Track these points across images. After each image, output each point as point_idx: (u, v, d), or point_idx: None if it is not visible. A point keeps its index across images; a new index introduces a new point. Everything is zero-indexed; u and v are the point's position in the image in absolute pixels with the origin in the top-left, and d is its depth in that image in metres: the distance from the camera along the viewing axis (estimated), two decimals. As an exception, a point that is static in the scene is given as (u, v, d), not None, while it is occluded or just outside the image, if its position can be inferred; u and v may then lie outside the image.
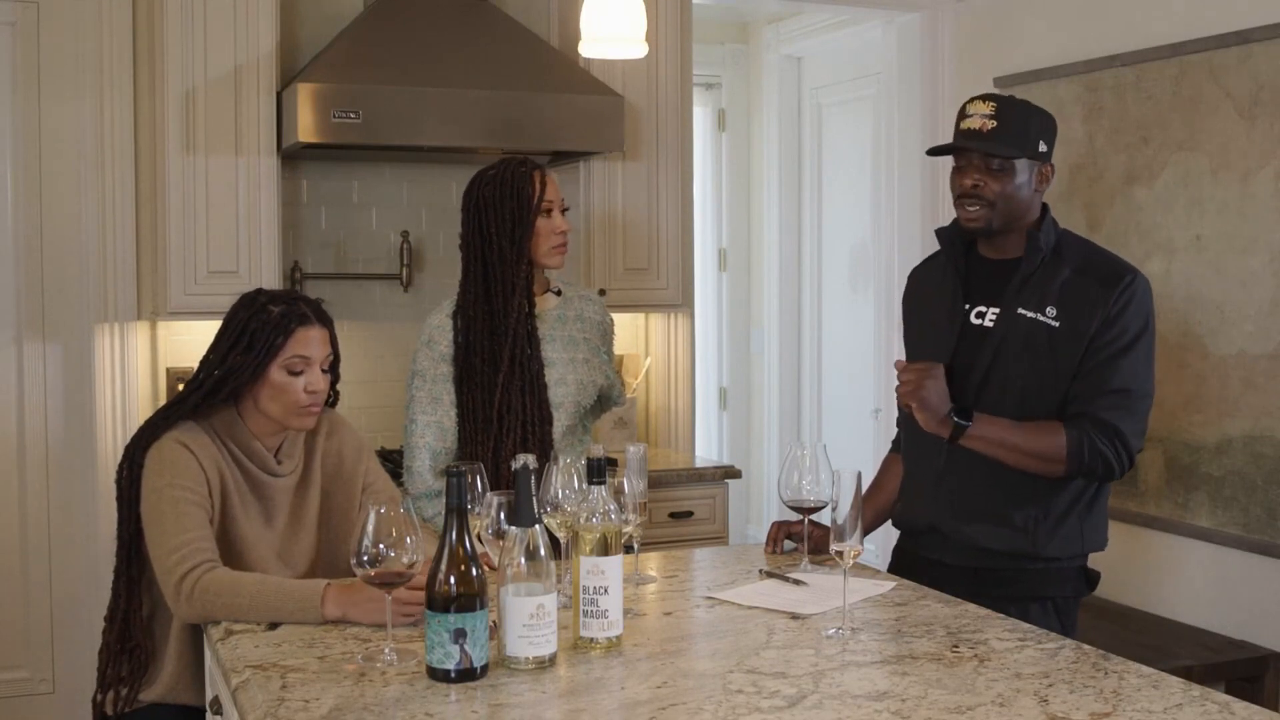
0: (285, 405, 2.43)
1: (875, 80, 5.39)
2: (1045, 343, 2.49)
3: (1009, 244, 2.58)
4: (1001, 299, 2.55)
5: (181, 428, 2.42)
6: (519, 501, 1.95)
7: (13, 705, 3.85)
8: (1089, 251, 2.59)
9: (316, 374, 2.45)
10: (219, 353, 2.46)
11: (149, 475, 2.38)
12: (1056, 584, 2.55)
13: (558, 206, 2.95)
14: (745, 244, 6.35)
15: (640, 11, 3.23)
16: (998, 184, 2.51)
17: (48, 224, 3.85)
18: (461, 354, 2.91)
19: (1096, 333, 2.46)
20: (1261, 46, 3.53)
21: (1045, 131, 2.55)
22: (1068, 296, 2.50)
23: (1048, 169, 2.56)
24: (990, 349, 2.53)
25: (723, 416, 6.41)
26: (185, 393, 2.47)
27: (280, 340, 2.41)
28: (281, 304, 2.46)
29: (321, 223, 4.13)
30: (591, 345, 3.07)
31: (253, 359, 2.41)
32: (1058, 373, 2.48)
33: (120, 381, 3.89)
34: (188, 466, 2.37)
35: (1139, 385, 2.50)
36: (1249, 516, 3.58)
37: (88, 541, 3.89)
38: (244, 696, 1.86)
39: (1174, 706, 1.79)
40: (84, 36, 3.82)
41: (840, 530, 2.10)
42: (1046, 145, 2.55)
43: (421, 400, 2.93)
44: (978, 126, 2.51)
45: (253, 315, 2.44)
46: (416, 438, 2.93)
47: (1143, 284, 2.51)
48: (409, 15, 3.86)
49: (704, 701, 1.80)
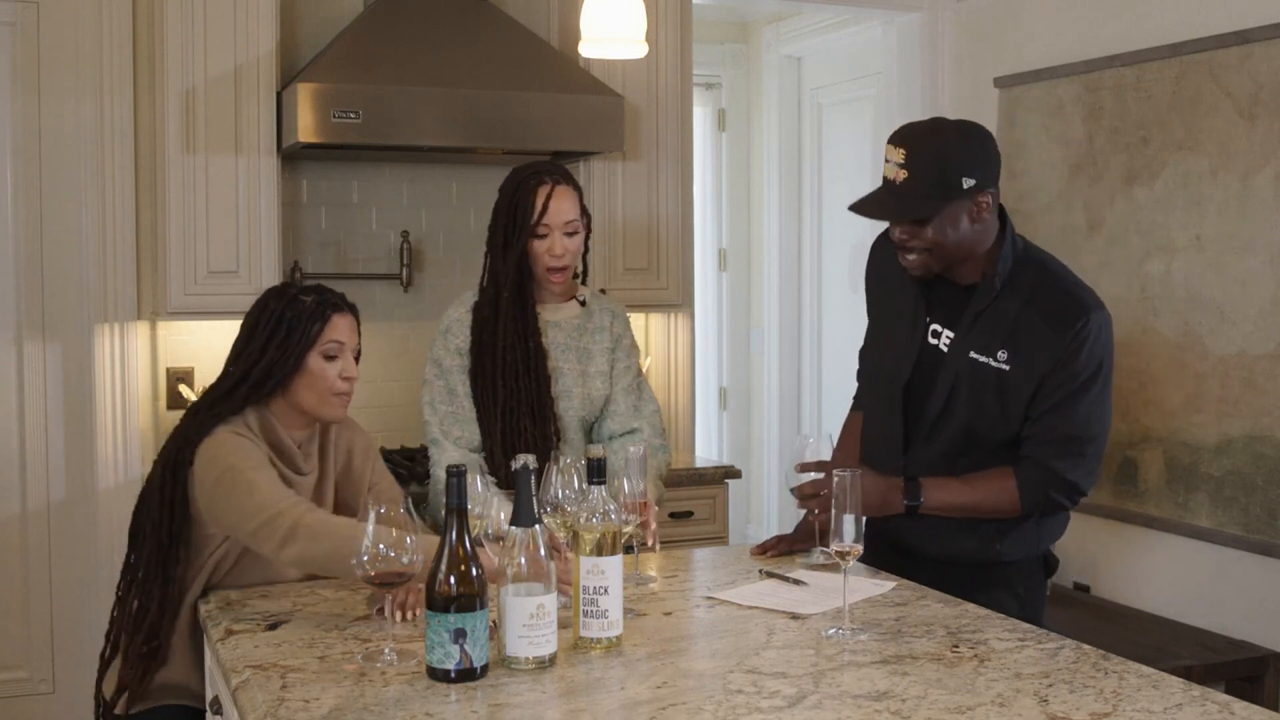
0: (320, 393, 2.44)
1: (875, 80, 5.39)
2: (994, 387, 2.43)
3: (964, 271, 2.48)
4: (957, 327, 2.48)
5: (231, 424, 2.41)
6: (519, 501, 1.95)
7: (13, 705, 3.84)
8: (1045, 281, 2.46)
9: (350, 360, 2.48)
10: (256, 346, 2.44)
11: (211, 463, 2.34)
12: (1020, 578, 2.55)
13: (559, 230, 2.80)
14: (745, 244, 6.34)
15: (640, 11, 3.23)
16: (924, 233, 2.39)
17: (48, 224, 3.84)
18: (475, 351, 2.86)
19: (1046, 375, 2.40)
20: (1261, 46, 3.53)
21: (969, 164, 2.37)
22: (1019, 336, 2.41)
23: (984, 198, 2.39)
24: (945, 383, 2.48)
25: (723, 416, 6.41)
26: (227, 388, 2.45)
27: (318, 326, 2.43)
28: (312, 293, 2.48)
29: (321, 223, 4.13)
30: (608, 358, 2.99)
31: (294, 347, 2.42)
32: (1006, 416, 2.44)
33: (120, 381, 3.89)
34: (253, 450, 2.37)
35: (1090, 430, 2.44)
36: (1249, 516, 3.58)
37: (88, 542, 3.88)
38: (244, 696, 1.86)
39: (1174, 706, 1.79)
40: (84, 36, 3.82)
41: (840, 531, 2.10)
42: (974, 178, 2.37)
43: (438, 391, 2.87)
44: (891, 176, 2.39)
45: (286, 305, 2.45)
46: (436, 430, 2.85)
47: (1097, 324, 2.41)
48: (409, 15, 3.86)
49: (704, 701, 1.80)
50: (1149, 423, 3.86)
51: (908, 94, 4.85)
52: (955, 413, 2.47)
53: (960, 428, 2.48)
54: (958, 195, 2.36)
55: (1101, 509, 3.96)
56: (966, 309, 2.47)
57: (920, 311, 2.54)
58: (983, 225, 2.43)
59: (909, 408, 2.53)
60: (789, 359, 6.10)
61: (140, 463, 3.92)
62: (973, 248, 2.44)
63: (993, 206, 2.43)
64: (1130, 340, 3.88)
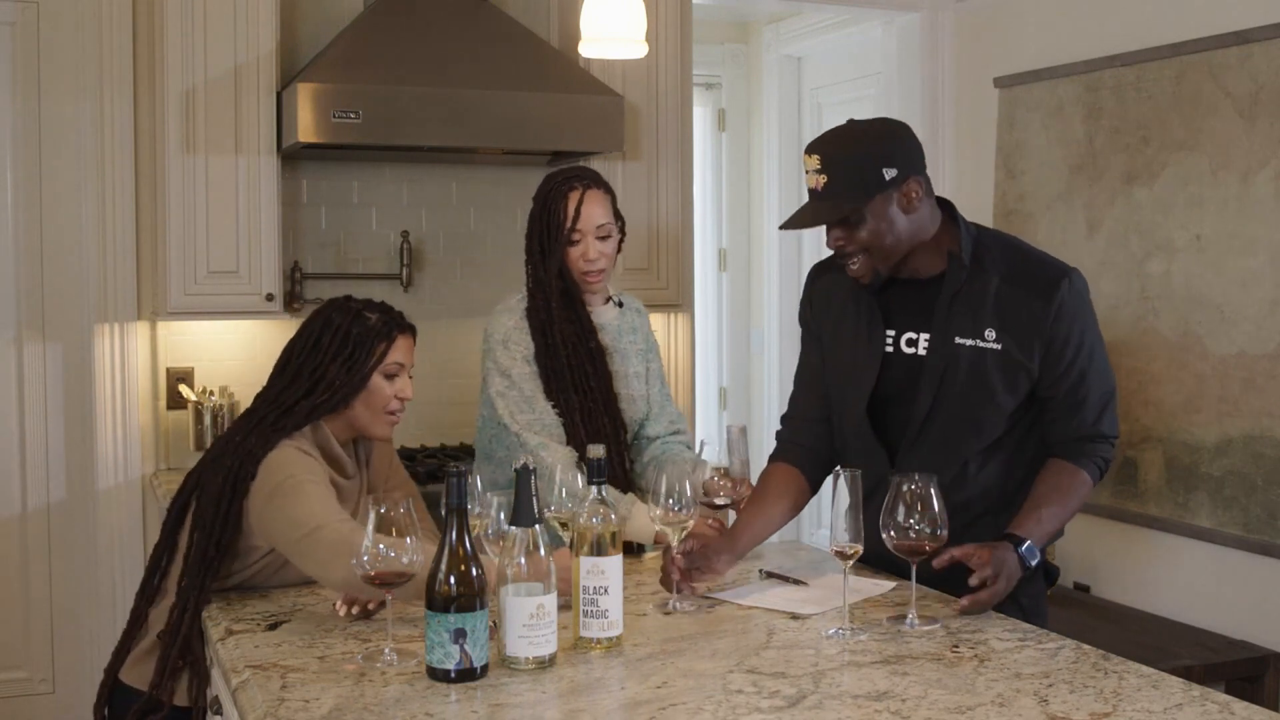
0: (375, 411, 2.43)
1: (875, 80, 5.39)
2: (989, 368, 2.38)
3: (921, 263, 2.42)
4: (931, 324, 2.42)
5: (295, 439, 2.38)
6: (519, 501, 1.95)
7: (13, 705, 3.85)
8: (1013, 255, 2.44)
9: (406, 380, 2.47)
10: (322, 360, 2.42)
11: (272, 474, 2.31)
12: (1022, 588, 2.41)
13: (591, 235, 2.81)
14: (745, 244, 6.34)
15: (640, 11, 3.23)
16: (858, 234, 2.34)
17: (48, 224, 3.85)
18: (543, 356, 2.81)
19: (1047, 354, 2.37)
20: (1261, 46, 3.53)
21: (884, 157, 2.33)
22: (1005, 312, 2.37)
23: (911, 186, 2.34)
24: (932, 381, 2.41)
25: (723, 416, 6.41)
26: (290, 402, 2.41)
27: (384, 346, 2.42)
28: (377, 311, 2.47)
29: (321, 223, 4.13)
30: (643, 359, 3.00)
31: (359, 365, 2.40)
32: (1015, 392, 2.40)
33: (120, 381, 3.89)
34: (316, 466, 2.36)
35: (1110, 381, 2.45)
36: (1249, 516, 3.58)
37: (88, 542, 3.89)
38: (244, 696, 1.86)
39: (1174, 706, 1.79)
40: (84, 36, 3.82)
41: (839, 530, 2.10)
42: (895, 168, 2.32)
43: (515, 401, 2.79)
44: (812, 185, 2.35)
45: (353, 321, 2.43)
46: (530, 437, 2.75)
47: (1076, 286, 2.40)
48: (409, 15, 3.86)
49: (704, 701, 1.80)
50: (1149, 423, 3.86)
51: (908, 94, 4.86)
52: (946, 408, 2.41)
53: (954, 422, 2.41)
54: (881, 188, 2.31)
55: (1101, 509, 3.95)
56: (939, 298, 2.41)
57: (876, 325, 2.47)
58: (917, 215, 2.37)
59: (887, 421, 2.47)
60: (789, 359, 6.08)
61: (140, 463, 3.92)
62: (914, 238, 2.38)
63: (923, 194, 2.36)
64: (1130, 340, 3.88)
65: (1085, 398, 2.41)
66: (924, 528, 2.11)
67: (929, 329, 2.42)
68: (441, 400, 4.17)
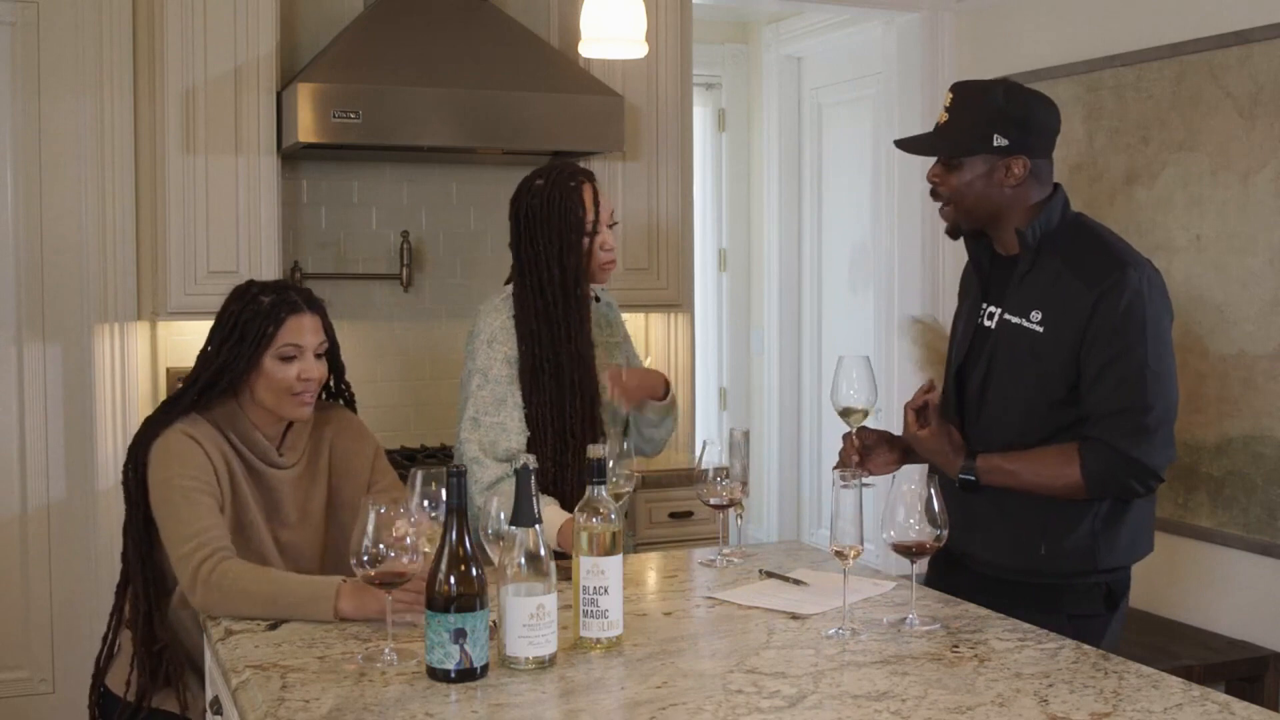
0: (279, 393, 2.44)
1: (875, 80, 5.39)
2: (1028, 351, 2.35)
3: (1009, 241, 2.43)
4: (1004, 300, 2.44)
5: (185, 420, 2.43)
6: (519, 501, 1.95)
7: (13, 705, 3.85)
8: (1085, 242, 2.38)
9: (310, 361, 2.46)
10: (213, 346, 2.47)
11: (155, 468, 2.38)
12: (1070, 600, 2.39)
13: (605, 223, 2.81)
14: (745, 244, 6.35)
15: (640, 11, 3.23)
16: (950, 179, 2.41)
17: (48, 224, 3.85)
18: (527, 363, 2.80)
19: (1083, 340, 2.28)
20: (1261, 46, 3.53)
21: (1005, 124, 2.35)
22: (1053, 295, 2.33)
23: (1014, 163, 2.35)
24: (985, 358, 2.43)
25: (723, 416, 6.41)
26: (183, 388, 2.48)
27: (271, 329, 2.43)
28: (272, 293, 2.47)
29: (321, 223, 4.13)
30: (622, 350, 3.01)
31: (246, 350, 2.42)
32: (1050, 381, 2.33)
33: (120, 381, 3.89)
34: (194, 456, 2.38)
35: (1146, 399, 2.28)
36: (1249, 516, 3.58)
37: (88, 542, 3.89)
38: (244, 696, 1.86)
39: (1174, 706, 1.79)
40: (84, 36, 3.82)
41: (839, 530, 2.10)
42: (1008, 139, 2.35)
43: (484, 402, 2.80)
44: (940, 119, 2.45)
45: (244, 307, 2.45)
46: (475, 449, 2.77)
47: (1136, 280, 2.28)
48: (409, 15, 3.86)
49: (704, 701, 1.80)
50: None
51: (908, 94, 4.86)
52: (994, 385, 2.41)
53: (1001, 401, 2.40)
54: (985, 149, 2.36)
55: (1101, 509, 3.95)
56: (1013, 276, 2.42)
57: (977, 298, 2.51)
58: (1010, 191, 2.38)
59: (963, 394, 2.48)
60: (789, 359, 6.10)
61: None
62: (998, 210, 2.40)
63: (1026, 176, 2.37)
64: (1130, 340, 3.88)
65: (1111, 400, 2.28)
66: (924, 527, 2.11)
67: (1002, 305, 2.45)
68: (441, 400, 4.17)
